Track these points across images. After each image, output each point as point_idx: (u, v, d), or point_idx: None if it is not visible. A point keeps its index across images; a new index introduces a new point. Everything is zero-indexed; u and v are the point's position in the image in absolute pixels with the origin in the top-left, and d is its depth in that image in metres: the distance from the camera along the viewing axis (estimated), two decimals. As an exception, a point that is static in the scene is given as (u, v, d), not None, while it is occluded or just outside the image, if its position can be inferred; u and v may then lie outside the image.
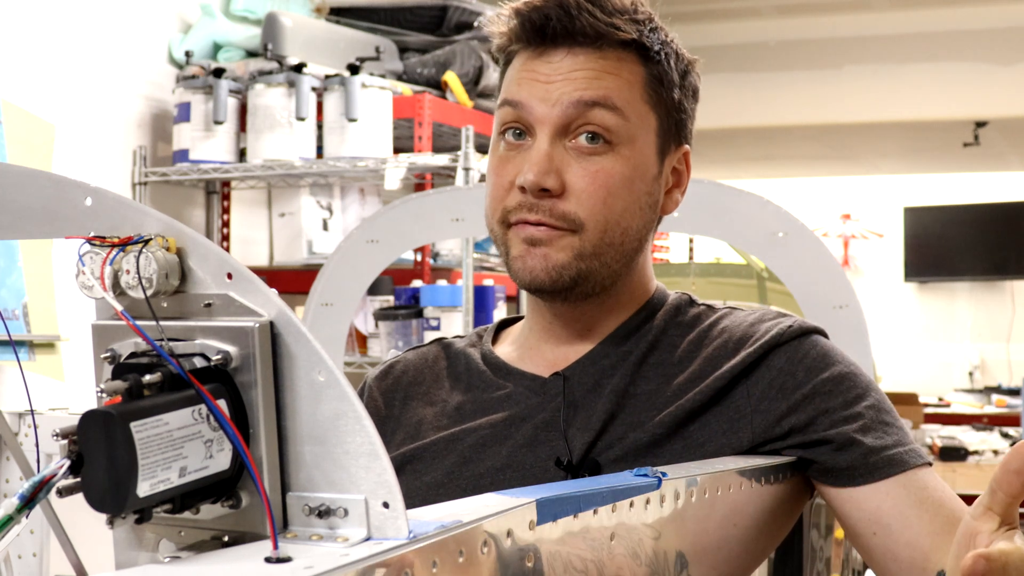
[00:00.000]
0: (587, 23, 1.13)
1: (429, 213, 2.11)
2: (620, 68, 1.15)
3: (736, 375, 1.14)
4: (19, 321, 2.94)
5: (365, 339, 3.55)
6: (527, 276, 1.15)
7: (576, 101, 1.13)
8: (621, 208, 1.14)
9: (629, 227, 1.16)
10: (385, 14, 3.83)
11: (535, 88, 1.14)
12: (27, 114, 3.12)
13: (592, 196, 1.13)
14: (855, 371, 1.16)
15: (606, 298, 1.20)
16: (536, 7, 1.14)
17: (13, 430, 1.75)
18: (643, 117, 1.16)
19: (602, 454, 1.12)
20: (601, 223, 1.13)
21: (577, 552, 0.83)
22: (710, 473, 1.01)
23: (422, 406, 1.25)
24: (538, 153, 1.13)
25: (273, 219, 3.97)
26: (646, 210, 1.17)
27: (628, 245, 1.16)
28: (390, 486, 0.68)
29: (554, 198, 1.13)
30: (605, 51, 1.14)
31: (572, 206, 1.13)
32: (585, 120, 1.13)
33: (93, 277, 0.72)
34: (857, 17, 6.28)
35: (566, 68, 1.14)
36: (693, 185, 1.26)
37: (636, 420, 1.14)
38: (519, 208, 1.14)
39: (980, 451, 4.43)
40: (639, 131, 1.15)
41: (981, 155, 7.54)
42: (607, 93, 1.13)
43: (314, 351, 0.69)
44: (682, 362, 1.18)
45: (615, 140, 1.14)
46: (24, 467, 1.04)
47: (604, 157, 1.13)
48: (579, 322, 1.21)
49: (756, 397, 1.14)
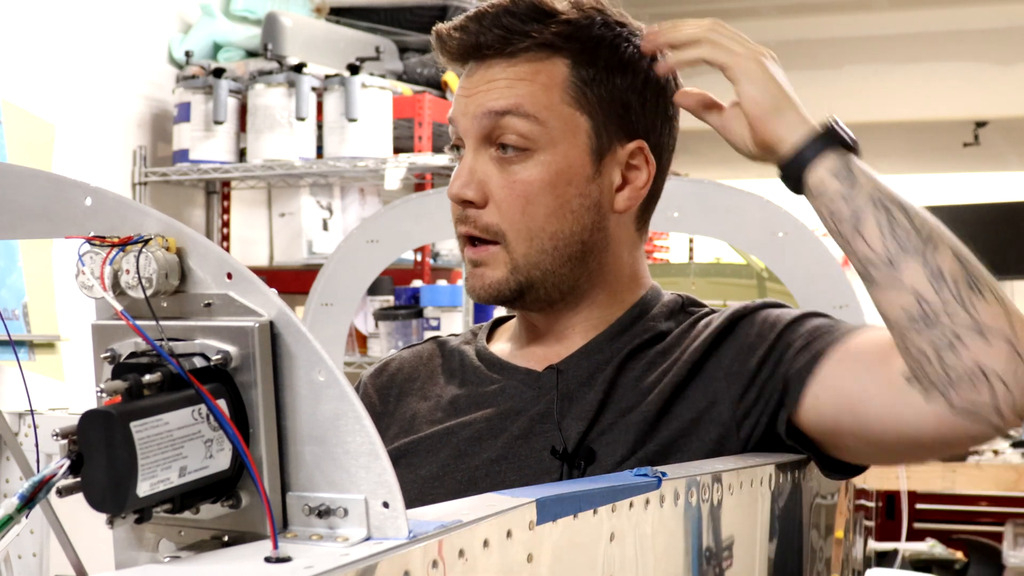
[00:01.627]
0: (494, 35, 1.15)
1: (429, 213, 2.11)
2: (535, 73, 1.15)
3: (707, 348, 1.16)
4: (19, 321, 2.94)
5: (365, 339, 3.55)
6: (473, 295, 1.20)
7: (487, 111, 1.15)
8: (544, 214, 1.15)
9: (559, 231, 1.16)
10: (385, 14, 3.82)
11: (460, 103, 1.18)
12: (27, 114, 3.12)
13: (511, 206, 1.15)
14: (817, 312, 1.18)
15: (575, 300, 1.21)
16: (453, 26, 1.18)
17: (13, 430, 1.75)
18: (566, 119, 1.16)
19: (595, 441, 1.14)
20: (523, 232, 1.15)
21: (577, 552, 0.83)
22: (710, 473, 1.01)
23: (416, 401, 1.27)
24: (461, 166, 1.17)
25: (273, 219, 3.97)
26: (580, 212, 1.17)
27: (565, 249, 1.17)
28: (390, 486, 0.68)
29: (479, 209, 1.16)
30: (517, 58, 1.16)
31: (494, 217, 1.16)
32: (500, 130, 1.15)
33: (93, 277, 0.72)
34: (857, 17, 6.28)
35: (483, 80, 1.17)
36: (693, 185, 1.27)
37: (626, 405, 1.15)
38: (457, 222, 1.18)
39: (980, 451, 4.42)
40: (561, 134, 1.15)
41: (981, 155, 7.54)
42: (517, 101, 1.14)
43: (314, 351, 0.69)
44: (666, 353, 1.19)
45: (532, 147, 1.15)
46: (24, 467, 1.04)
47: (521, 165, 1.15)
48: (557, 322, 1.22)
49: (726, 364, 1.15)
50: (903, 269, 1.02)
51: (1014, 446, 4.57)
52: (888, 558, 3.96)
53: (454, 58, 1.20)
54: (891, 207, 1.04)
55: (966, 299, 1.00)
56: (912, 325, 1.01)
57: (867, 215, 1.04)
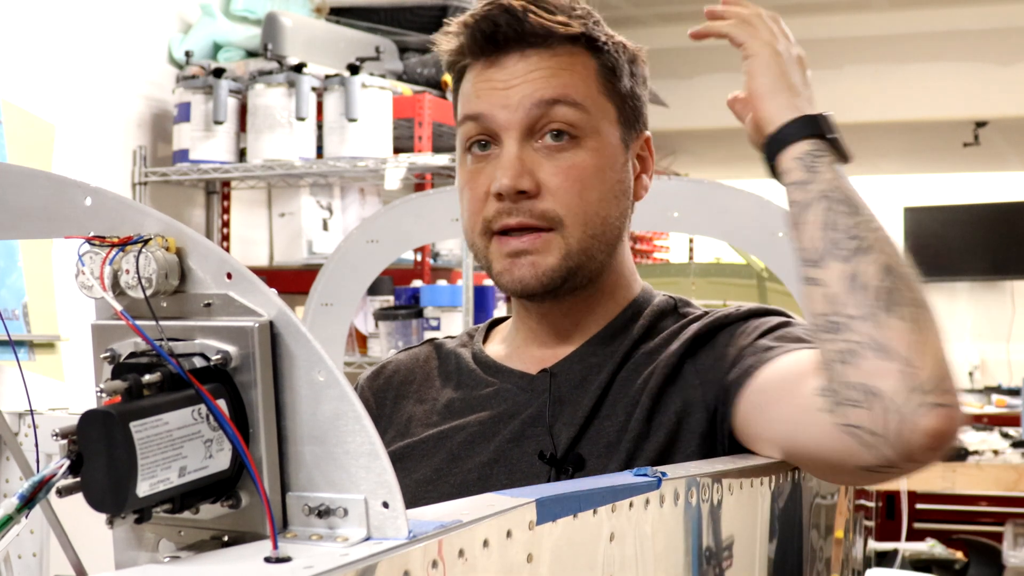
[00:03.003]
0: (535, 23, 1.16)
1: (429, 213, 2.11)
2: (573, 63, 1.17)
3: (684, 352, 1.16)
4: (19, 321, 2.94)
5: (365, 339, 3.55)
6: (518, 286, 1.17)
7: (538, 101, 1.15)
8: (597, 198, 1.17)
9: (608, 216, 1.18)
10: (385, 14, 3.82)
11: (494, 96, 1.17)
12: (27, 114, 3.12)
13: (568, 191, 1.15)
14: (794, 321, 1.17)
15: (592, 292, 1.22)
16: (484, 16, 1.17)
17: (13, 430, 1.75)
18: (602, 108, 1.18)
19: (585, 448, 1.14)
20: (580, 216, 1.16)
21: (577, 552, 0.83)
22: (709, 473, 1.01)
23: (413, 404, 1.27)
24: (508, 158, 1.15)
25: (273, 219, 3.97)
26: (620, 197, 1.20)
27: (610, 234, 1.19)
28: (390, 486, 0.68)
29: (532, 199, 1.15)
30: (556, 48, 1.17)
31: (550, 204, 1.15)
32: (549, 119, 1.16)
33: (93, 277, 0.72)
34: (857, 17, 6.28)
35: (521, 71, 1.16)
36: (693, 185, 1.27)
37: (614, 413, 1.16)
38: (499, 215, 1.16)
39: (980, 451, 4.43)
40: (601, 122, 1.18)
41: (981, 155, 7.54)
42: (565, 90, 1.16)
43: (314, 351, 0.69)
44: (652, 355, 1.19)
45: (580, 134, 1.16)
46: (24, 467, 1.04)
47: (573, 152, 1.16)
48: (566, 319, 1.23)
49: (703, 371, 1.15)
50: (826, 269, 0.98)
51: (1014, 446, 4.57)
52: (888, 558, 3.97)
53: (482, 48, 1.18)
54: (837, 206, 1.01)
55: (877, 313, 0.94)
56: (822, 330, 0.97)
57: (813, 208, 1.02)
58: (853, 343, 0.94)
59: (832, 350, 0.96)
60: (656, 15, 6.10)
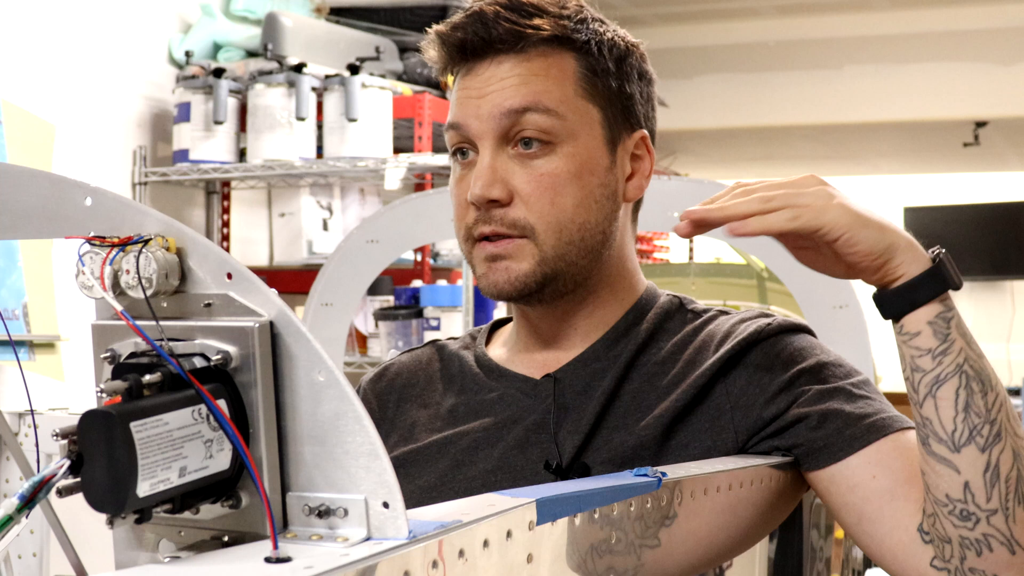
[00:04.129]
0: (504, 29, 1.14)
1: (429, 213, 2.11)
2: (548, 67, 1.16)
3: (715, 373, 1.15)
4: (19, 321, 2.94)
5: (365, 339, 3.55)
6: (493, 290, 1.17)
7: (507, 111, 1.14)
8: (572, 204, 1.15)
9: (586, 222, 1.16)
10: (385, 14, 3.83)
11: (469, 106, 1.16)
12: (27, 114, 3.12)
13: (540, 199, 1.14)
14: (836, 360, 1.16)
15: (583, 295, 1.20)
16: (454, 25, 1.16)
17: (13, 430, 1.75)
18: (581, 111, 1.16)
19: (591, 457, 1.13)
20: (554, 224, 1.15)
21: (577, 552, 0.83)
22: (709, 473, 1.01)
23: (416, 408, 1.26)
24: (480, 167, 1.15)
25: (273, 219, 3.97)
26: (603, 202, 1.18)
27: (590, 240, 1.17)
28: (390, 486, 0.68)
29: (504, 207, 1.15)
30: (528, 53, 1.15)
31: (521, 212, 1.14)
32: (520, 127, 1.14)
33: (93, 277, 0.72)
34: (857, 17, 6.28)
35: (493, 79, 1.15)
36: (693, 185, 1.26)
37: (623, 423, 1.14)
38: (476, 223, 1.16)
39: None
40: (579, 126, 1.16)
41: (981, 155, 7.54)
42: (536, 97, 1.14)
43: (314, 351, 0.69)
44: (666, 364, 1.18)
45: (554, 140, 1.15)
46: (24, 467, 1.04)
47: (546, 159, 1.15)
48: (563, 322, 1.21)
49: (735, 394, 1.14)
50: (964, 455, 0.98)
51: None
52: (888, 558, 3.96)
53: (455, 58, 1.18)
54: (974, 385, 1.00)
55: (1011, 507, 0.98)
56: (949, 511, 0.99)
57: (949, 384, 1.00)
58: (986, 536, 0.98)
59: (959, 535, 0.99)
60: (656, 15, 6.10)
